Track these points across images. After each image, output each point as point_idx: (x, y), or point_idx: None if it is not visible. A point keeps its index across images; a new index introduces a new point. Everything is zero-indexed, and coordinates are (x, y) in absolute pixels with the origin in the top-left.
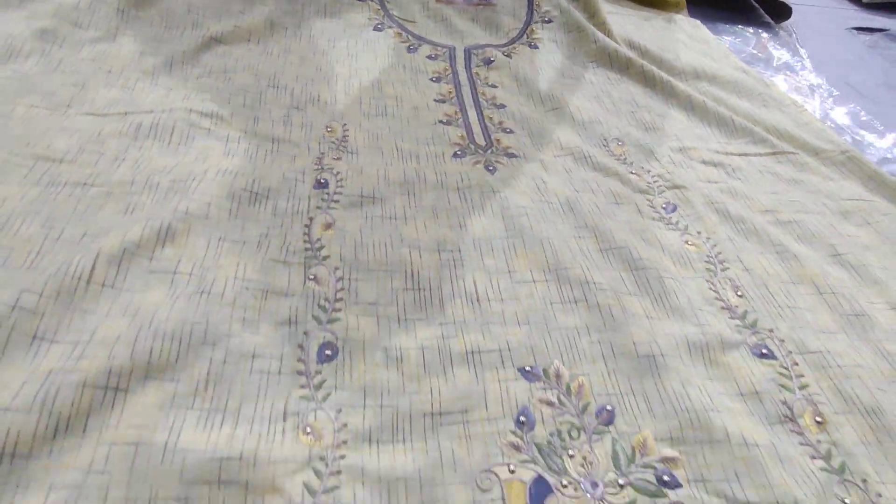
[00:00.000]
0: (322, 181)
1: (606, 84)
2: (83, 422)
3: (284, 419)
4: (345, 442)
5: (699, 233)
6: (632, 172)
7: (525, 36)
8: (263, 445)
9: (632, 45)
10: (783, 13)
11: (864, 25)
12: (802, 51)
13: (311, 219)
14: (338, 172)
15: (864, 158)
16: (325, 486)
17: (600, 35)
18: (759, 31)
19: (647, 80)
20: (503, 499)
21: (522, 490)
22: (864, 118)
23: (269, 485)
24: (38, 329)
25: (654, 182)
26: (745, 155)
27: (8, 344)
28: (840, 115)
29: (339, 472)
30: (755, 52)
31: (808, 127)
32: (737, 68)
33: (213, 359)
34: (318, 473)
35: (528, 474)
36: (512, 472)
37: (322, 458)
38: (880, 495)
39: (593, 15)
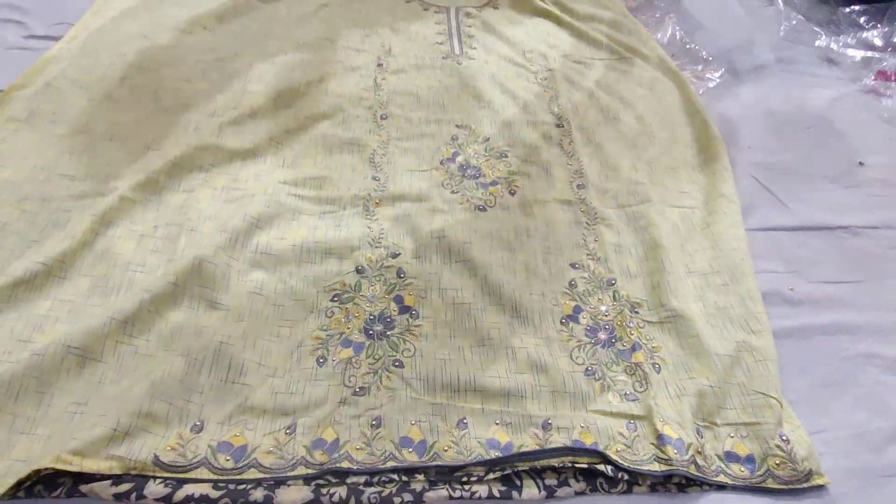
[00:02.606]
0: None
1: (536, 24)
2: None
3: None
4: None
5: (551, 87)
6: (530, 64)
7: (490, 2)
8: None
9: (556, 3)
10: None
11: None
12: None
13: None
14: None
15: (668, 59)
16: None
17: None
18: None
19: (559, 22)
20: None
21: None
22: (687, 40)
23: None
24: None
25: (539, 69)
26: (602, 59)
27: None
28: (677, 38)
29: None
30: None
31: (646, 45)
32: (621, 14)
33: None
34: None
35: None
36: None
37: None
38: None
39: None
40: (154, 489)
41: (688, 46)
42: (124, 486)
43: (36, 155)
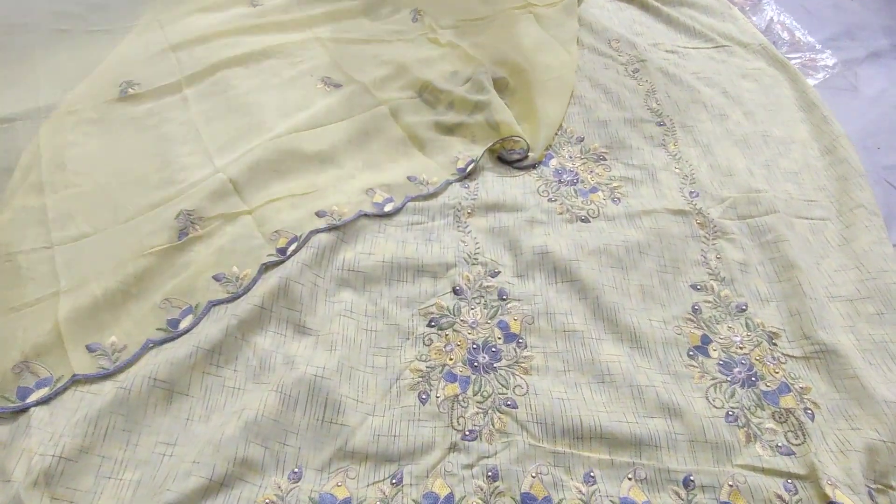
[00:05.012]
0: None
1: (617, 10)
2: None
3: None
4: None
5: (645, 80)
6: (619, 53)
7: None
8: None
9: None
10: None
11: None
12: None
13: None
14: None
15: (771, 47)
16: None
17: None
18: None
19: (645, 7)
20: None
21: None
22: (789, 24)
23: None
24: None
25: (630, 59)
26: (697, 48)
27: None
28: (777, 23)
29: None
30: None
31: (745, 31)
32: None
33: None
34: None
35: None
36: None
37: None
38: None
39: None
40: None
41: (787, 33)
42: None
43: None
